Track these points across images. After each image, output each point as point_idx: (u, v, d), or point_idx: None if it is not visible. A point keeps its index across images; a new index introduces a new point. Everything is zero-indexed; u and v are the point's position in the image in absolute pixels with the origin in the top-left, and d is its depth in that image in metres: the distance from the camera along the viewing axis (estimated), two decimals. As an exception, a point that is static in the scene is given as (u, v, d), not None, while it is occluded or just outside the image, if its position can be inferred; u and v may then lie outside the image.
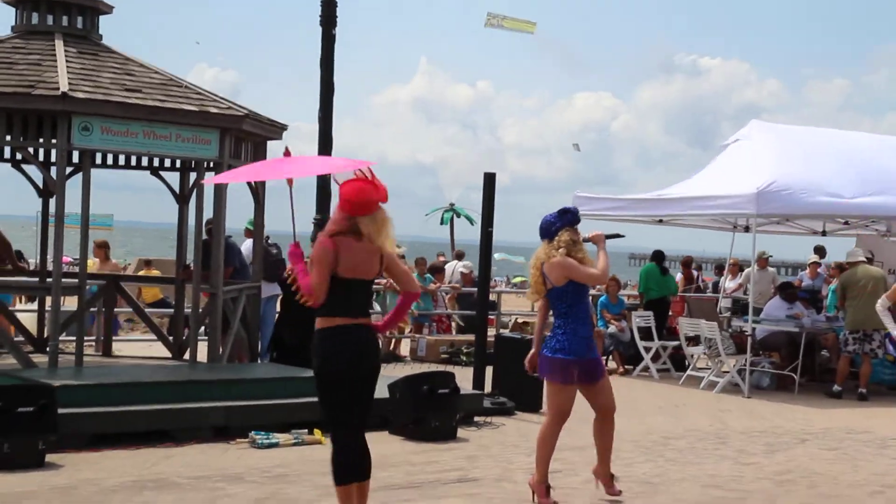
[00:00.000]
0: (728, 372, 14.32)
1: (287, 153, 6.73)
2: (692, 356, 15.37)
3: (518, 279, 53.06)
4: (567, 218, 7.42)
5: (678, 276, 20.33)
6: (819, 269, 18.54)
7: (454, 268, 21.30)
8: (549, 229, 7.42)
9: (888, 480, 8.65)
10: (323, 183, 12.80)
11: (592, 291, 14.12)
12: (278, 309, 13.73)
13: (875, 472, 8.99)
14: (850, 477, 8.77)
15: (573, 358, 7.24)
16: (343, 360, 5.85)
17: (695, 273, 20.71)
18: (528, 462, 8.72)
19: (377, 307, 15.96)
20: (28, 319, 13.81)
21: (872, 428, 11.46)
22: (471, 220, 50.70)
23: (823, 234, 18.08)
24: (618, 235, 7.88)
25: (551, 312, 7.47)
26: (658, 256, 17.33)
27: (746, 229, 17.02)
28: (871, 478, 8.77)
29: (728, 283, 19.88)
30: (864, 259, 14.79)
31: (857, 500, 7.91)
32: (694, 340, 15.39)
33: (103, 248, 16.82)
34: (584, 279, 7.29)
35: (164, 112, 10.55)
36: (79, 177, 10.96)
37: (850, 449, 10.16)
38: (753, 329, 14.43)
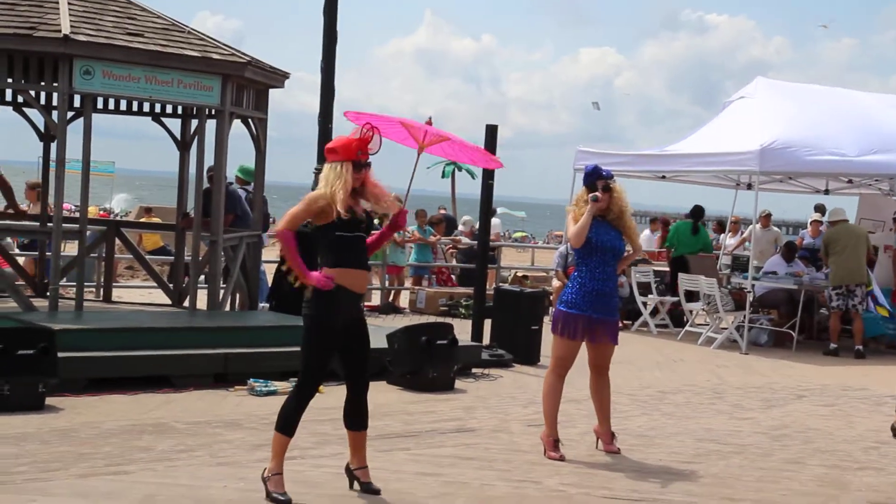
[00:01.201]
0: (726, 328, 14.36)
1: (429, 122, 6.91)
2: (691, 312, 15.41)
3: (519, 234, 53.08)
4: (584, 179, 7.54)
5: (656, 236, 20.32)
6: (821, 228, 18.55)
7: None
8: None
9: (882, 436, 8.70)
10: (325, 133, 12.75)
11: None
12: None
13: (870, 429, 9.04)
14: (845, 432, 8.82)
15: (576, 312, 7.27)
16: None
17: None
18: (525, 413, 8.80)
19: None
20: (29, 264, 13.85)
21: (868, 385, 11.53)
22: (472, 174, 50.62)
23: (826, 192, 18.07)
24: (596, 198, 7.75)
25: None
26: (694, 213, 17.16)
27: (749, 187, 17.02)
28: (866, 433, 8.82)
29: (728, 241, 19.90)
30: (846, 218, 14.86)
31: (851, 454, 7.95)
32: (693, 297, 15.42)
33: (35, 190, 14.96)
34: (567, 234, 7.46)
35: (167, 57, 10.48)
36: (80, 123, 10.92)
37: (846, 405, 10.22)
38: (753, 286, 14.47)
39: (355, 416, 6.10)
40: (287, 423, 5.90)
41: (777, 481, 6.98)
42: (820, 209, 19.09)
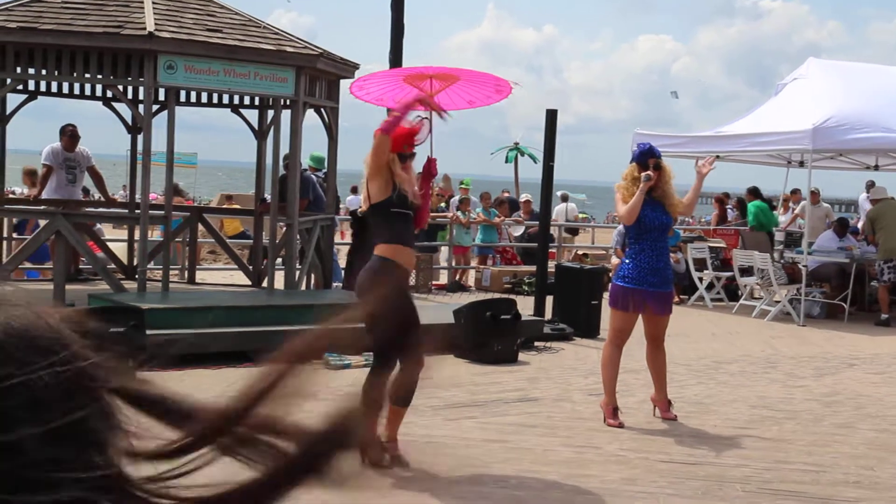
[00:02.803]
0: (780, 301, 14.19)
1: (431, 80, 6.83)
2: (745, 286, 15.25)
3: (581, 215, 52.77)
4: (634, 154, 7.52)
5: (713, 213, 20.28)
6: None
7: (565, 209, 21.70)
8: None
9: (933, 403, 8.58)
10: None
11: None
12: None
13: (920, 395, 8.93)
14: (895, 399, 8.70)
15: (633, 287, 7.26)
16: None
17: (728, 210, 20.39)
18: (586, 384, 8.80)
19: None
20: (119, 249, 14.12)
21: (919, 354, 11.34)
22: (534, 159, 50.41)
23: (876, 168, 17.73)
24: (649, 177, 7.75)
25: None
26: (759, 193, 17.56)
27: (801, 164, 16.77)
28: (916, 400, 8.71)
29: (781, 217, 19.62)
30: (890, 196, 14.71)
31: (901, 420, 7.86)
32: (747, 272, 15.26)
33: (30, 176, 14.66)
34: (617, 212, 7.34)
35: (244, 51, 10.60)
36: (165, 116, 11.11)
37: (897, 373, 10.09)
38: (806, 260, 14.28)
39: (402, 393, 5.93)
40: (370, 399, 5.90)
41: (828, 445, 6.93)
42: (871, 185, 18.77)
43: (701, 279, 15.53)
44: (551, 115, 11.61)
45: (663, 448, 6.71)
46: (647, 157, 7.39)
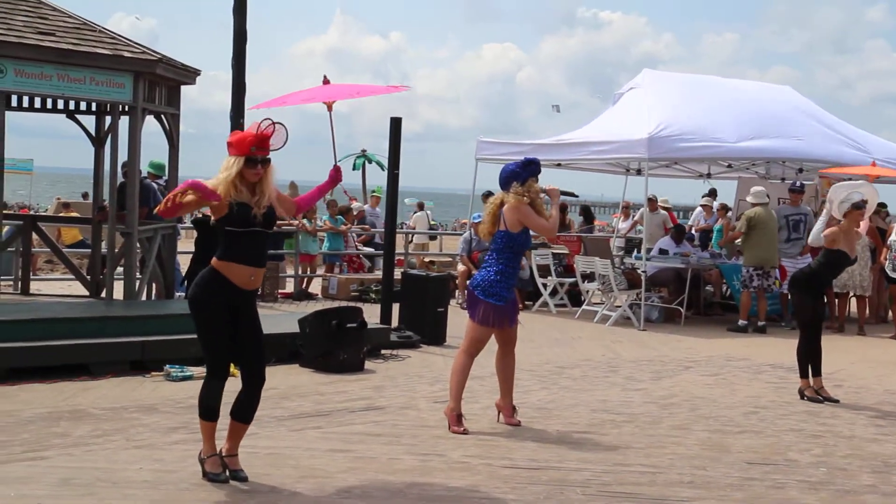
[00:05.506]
0: (620, 306, 14.56)
1: (326, 81, 6.72)
2: (587, 292, 15.59)
3: (432, 223, 53.09)
4: (532, 168, 7.45)
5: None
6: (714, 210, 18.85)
7: (425, 216, 21.74)
8: (511, 178, 7.42)
9: (761, 402, 8.94)
10: (238, 127, 12.61)
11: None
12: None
13: (749, 395, 9.28)
14: (727, 399, 9.03)
15: (503, 304, 7.33)
16: None
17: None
18: (431, 391, 8.82)
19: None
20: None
21: (750, 356, 11.79)
22: (381, 166, 50.48)
23: (708, 176, 18.40)
24: (572, 194, 7.86)
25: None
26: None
27: (639, 172, 17.26)
28: (746, 400, 9.05)
29: (620, 225, 20.15)
30: (768, 200, 14.76)
31: (732, 419, 8.14)
32: (589, 277, 15.61)
33: None
34: (536, 227, 7.36)
35: (78, 55, 10.26)
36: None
37: (729, 375, 10.45)
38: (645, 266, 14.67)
39: (244, 408, 5.85)
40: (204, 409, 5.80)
41: (664, 446, 7.12)
42: (713, 193, 19.38)
43: (545, 285, 15.81)
44: (395, 124, 11.63)
45: (506, 454, 6.77)
46: (540, 170, 7.53)
